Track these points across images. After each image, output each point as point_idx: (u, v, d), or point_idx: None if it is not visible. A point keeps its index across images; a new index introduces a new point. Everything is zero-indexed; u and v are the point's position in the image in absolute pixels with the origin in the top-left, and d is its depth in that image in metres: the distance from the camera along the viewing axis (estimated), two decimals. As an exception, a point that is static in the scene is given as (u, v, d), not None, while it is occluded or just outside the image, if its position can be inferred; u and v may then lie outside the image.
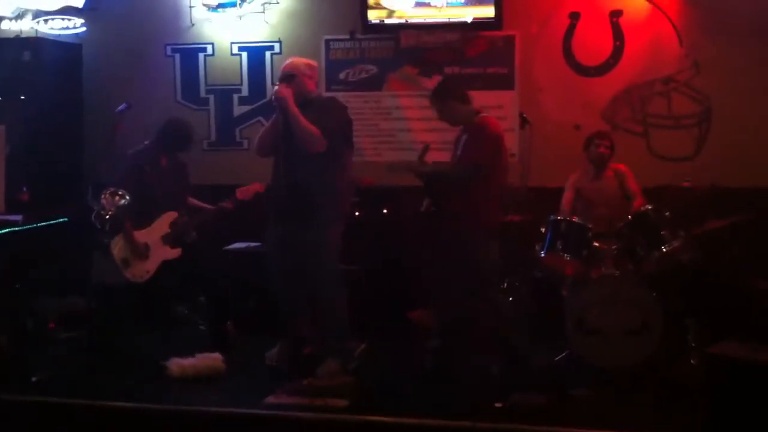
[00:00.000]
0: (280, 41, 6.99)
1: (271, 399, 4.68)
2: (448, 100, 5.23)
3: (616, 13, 6.44)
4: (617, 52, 6.46)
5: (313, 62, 5.36)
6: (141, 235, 5.49)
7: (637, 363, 5.04)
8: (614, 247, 5.35)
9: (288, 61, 5.31)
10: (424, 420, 4.36)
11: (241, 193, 5.71)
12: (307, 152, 4.99)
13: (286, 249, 5.17)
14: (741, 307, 5.37)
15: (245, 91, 7.09)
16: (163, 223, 5.59)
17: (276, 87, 5.13)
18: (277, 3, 6.95)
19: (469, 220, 5.00)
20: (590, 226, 5.32)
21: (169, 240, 5.58)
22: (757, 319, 5.20)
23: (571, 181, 5.92)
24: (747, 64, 6.24)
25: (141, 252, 5.46)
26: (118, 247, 5.44)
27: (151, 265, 5.50)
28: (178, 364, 5.10)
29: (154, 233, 5.55)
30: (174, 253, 5.57)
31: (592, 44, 6.50)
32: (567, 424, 4.26)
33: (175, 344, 5.51)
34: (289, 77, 5.12)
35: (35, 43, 6.74)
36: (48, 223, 5.81)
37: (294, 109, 4.97)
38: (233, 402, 4.69)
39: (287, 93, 5.00)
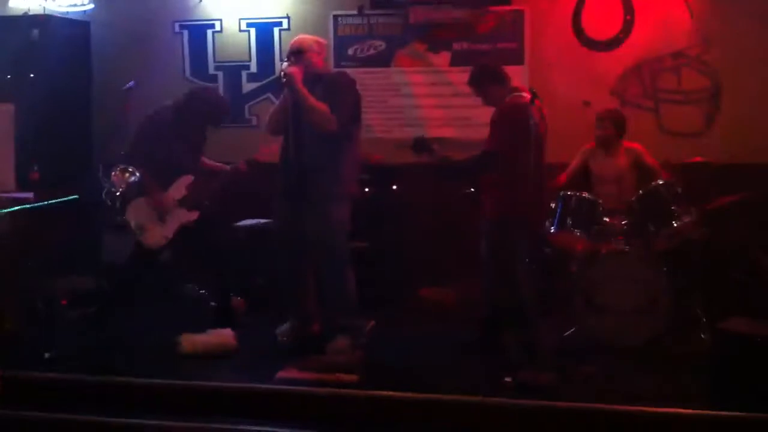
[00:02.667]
0: (288, 17, 6.96)
1: (281, 374, 4.71)
2: (482, 83, 5.19)
3: (627, -13, 6.41)
4: (627, 27, 6.42)
5: (322, 39, 5.34)
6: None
7: (646, 340, 5.05)
8: (624, 222, 5.34)
9: (296, 37, 5.30)
10: (433, 395, 4.38)
11: (259, 156, 5.65)
12: (316, 131, 4.99)
13: (294, 226, 5.18)
14: (750, 283, 5.37)
15: (254, 68, 7.07)
16: (179, 187, 5.56)
17: (284, 64, 5.12)
18: (285, -22, 6.94)
19: (487, 208, 5.03)
20: (600, 201, 5.32)
21: (187, 203, 5.56)
22: (766, 295, 5.20)
23: (581, 151, 5.91)
24: (758, 39, 6.20)
25: (158, 215, 5.44)
26: (133, 212, 5.43)
27: (168, 230, 5.49)
28: (189, 340, 5.13)
29: (170, 196, 5.53)
30: (191, 216, 5.55)
31: (602, 18, 6.46)
32: (575, 401, 4.28)
33: (186, 321, 5.54)
34: (296, 53, 5.10)
35: (43, 21, 6.71)
36: (58, 200, 5.83)
37: (302, 89, 4.95)
38: (244, 377, 4.72)
39: (295, 71, 4.98)
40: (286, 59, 5.22)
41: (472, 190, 5.35)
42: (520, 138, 4.65)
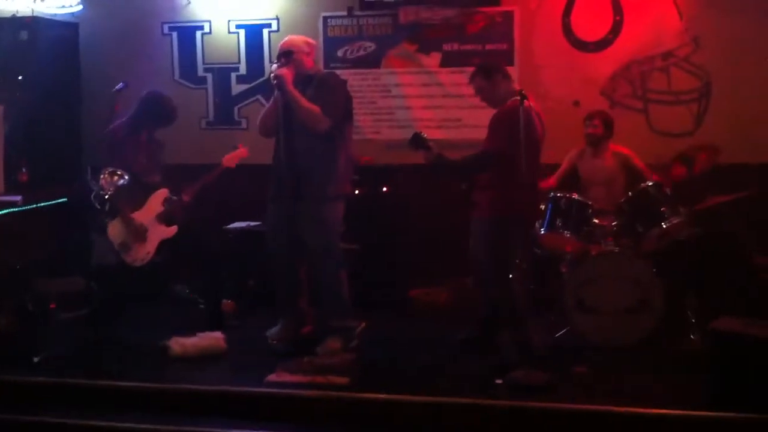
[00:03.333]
0: (277, 18, 6.95)
1: (272, 377, 4.70)
2: (493, 75, 5.14)
3: (616, -12, 6.41)
4: (617, 27, 6.43)
5: (311, 39, 5.33)
6: (136, 216, 5.47)
7: (637, 340, 5.07)
8: (614, 224, 5.35)
9: (285, 38, 5.28)
10: (424, 397, 4.38)
11: (227, 161, 5.69)
12: (308, 131, 4.99)
13: (286, 227, 5.17)
14: (741, 283, 5.38)
15: (243, 70, 7.06)
16: (156, 202, 5.55)
17: (274, 66, 5.11)
18: (275, -21, 6.92)
19: (485, 207, 5.02)
20: (590, 203, 5.33)
21: (164, 218, 5.55)
22: (758, 294, 5.21)
23: (569, 155, 5.94)
24: (747, 39, 6.21)
25: (140, 234, 5.43)
26: (115, 231, 5.42)
27: (150, 246, 5.49)
28: (179, 343, 5.11)
29: (148, 213, 5.52)
30: (170, 231, 5.56)
31: (592, 19, 6.46)
32: (567, 401, 4.28)
33: (176, 323, 5.52)
34: (286, 54, 5.09)
35: (32, 23, 6.67)
36: (47, 203, 5.81)
37: (293, 91, 4.96)
38: (234, 380, 4.71)
39: (285, 73, 4.97)
40: (275, 61, 5.21)
41: (464, 188, 5.33)
42: (518, 140, 4.63)
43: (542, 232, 5.33)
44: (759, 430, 4.00)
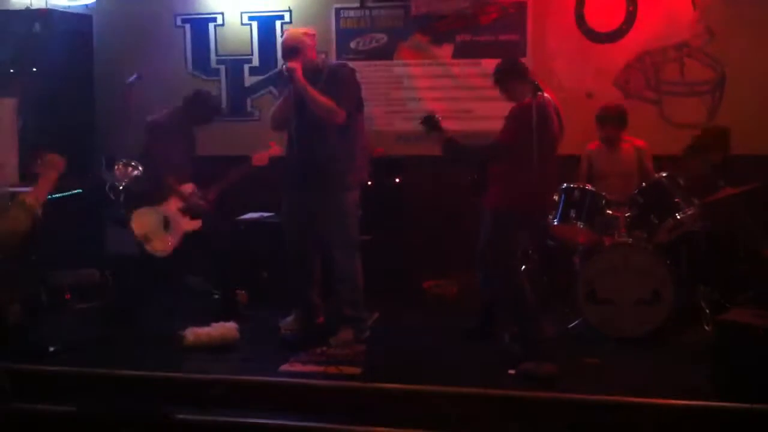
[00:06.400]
0: (290, 10, 6.95)
1: (285, 367, 4.73)
2: (508, 81, 5.03)
3: (630, -22, 6.39)
4: (630, 18, 6.40)
5: (310, 30, 5.28)
6: (164, 208, 5.52)
7: (648, 331, 5.06)
8: (627, 215, 5.34)
9: (287, 34, 5.27)
10: (436, 387, 4.39)
11: (256, 160, 5.71)
12: (323, 123, 5.00)
13: (302, 219, 5.20)
14: (753, 275, 5.36)
15: (256, 62, 7.06)
16: (181, 195, 5.59)
17: (286, 64, 5.12)
18: (287, -29, 6.92)
19: (493, 200, 5.01)
20: (604, 194, 5.31)
21: (187, 212, 5.59)
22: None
23: (586, 153, 5.91)
24: (761, 30, 6.18)
25: (166, 225, 5.47)
26: (139, 222, 5.45)
27: (174, 238, 5.52)
28: (193, 333, 5.14)
29: (173, 205, 5.56)
30: (194, 224, 5.58)
31: (605, 10, 6.44)
32: (577, 392, 4.28)
33: (190, 313, 5.56)
34: (293, 52, 5.08)
35: (45, 15, 6.68)
36: (62, 194, 5.83)
37: (307, 84, 4.97)
38: (247, 370, 4.73)
39: (297, 65, 4.98)
40: (282, 58, 5.22)
41: (475, 177, 5.32)
42: (530, 137, 4.57)
43: (555, 223, 5.32)
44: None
